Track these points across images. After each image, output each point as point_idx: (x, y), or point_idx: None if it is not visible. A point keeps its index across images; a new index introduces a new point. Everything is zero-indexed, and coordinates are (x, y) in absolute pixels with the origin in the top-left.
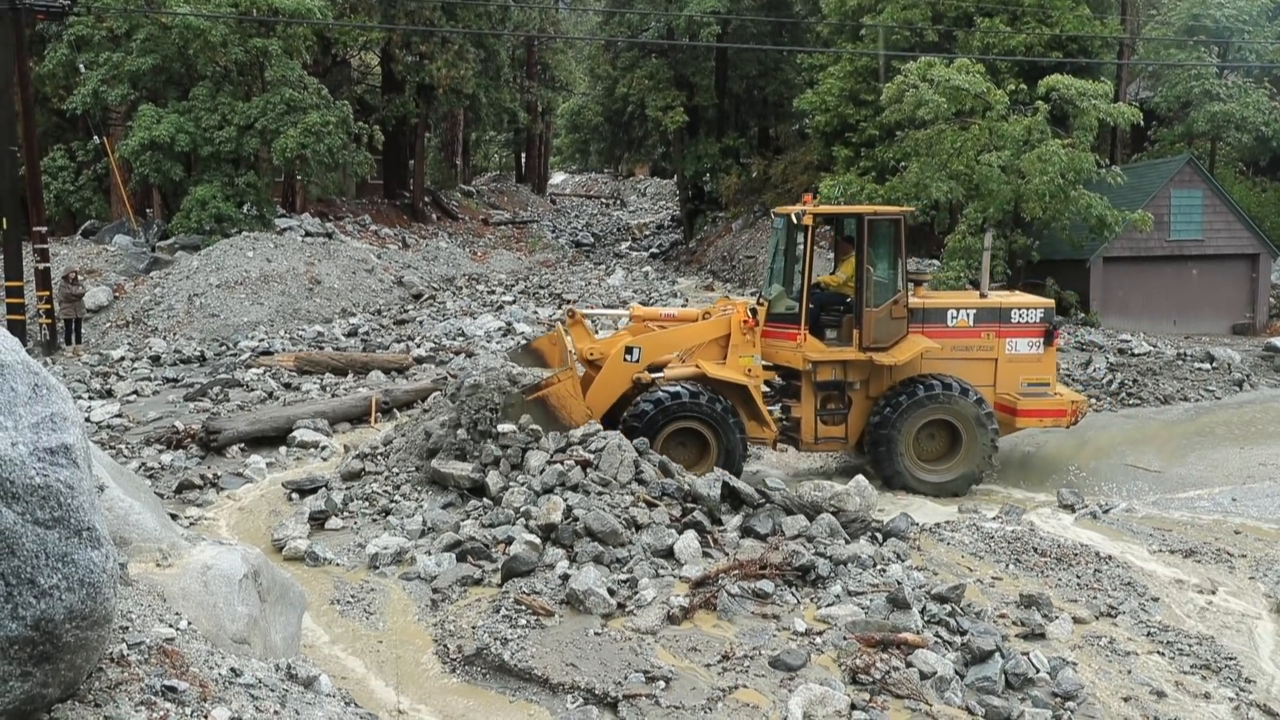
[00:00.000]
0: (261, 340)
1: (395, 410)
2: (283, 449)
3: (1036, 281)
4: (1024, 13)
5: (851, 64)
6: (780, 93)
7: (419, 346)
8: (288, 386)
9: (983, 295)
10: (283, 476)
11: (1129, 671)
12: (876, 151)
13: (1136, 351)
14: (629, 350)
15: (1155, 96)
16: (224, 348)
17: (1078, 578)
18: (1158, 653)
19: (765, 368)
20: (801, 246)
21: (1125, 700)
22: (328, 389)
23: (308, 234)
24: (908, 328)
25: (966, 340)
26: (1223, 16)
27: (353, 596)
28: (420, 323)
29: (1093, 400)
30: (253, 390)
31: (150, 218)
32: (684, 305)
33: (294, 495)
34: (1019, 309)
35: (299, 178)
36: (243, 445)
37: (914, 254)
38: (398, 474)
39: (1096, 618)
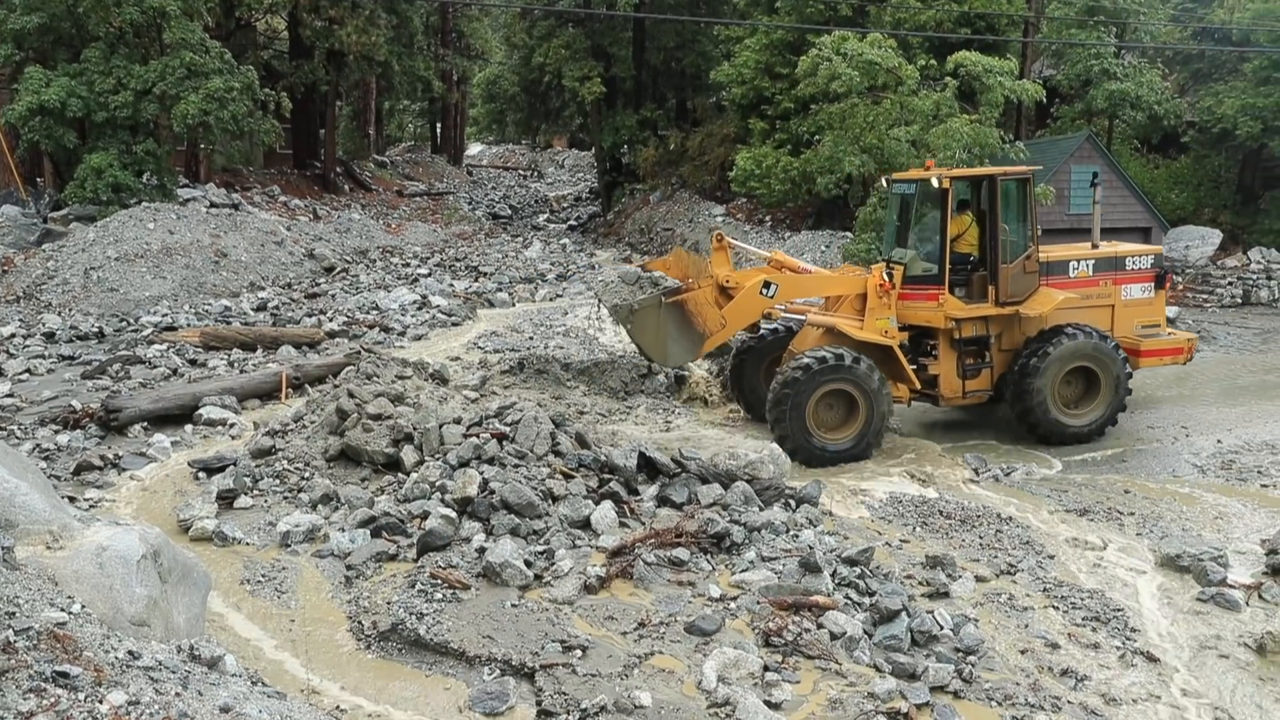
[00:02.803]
0: (165, 315)
1: (307, 386)
2: (188, 427)
3: None
4: None
5: (767, 37)
6: (697, 65)
7: (331, 320)
8: (193, 363)
9: (1094, 246)
10: (189, 455)
11: (1026, 626)
12: (792, 124)
13: None
14: (767, 285)
15: (1058, 75)
16: (124, 323)
17: (980, 538)
18: (1053, 607)
19: (900, 328)
20: (935, 210)
21: (1022, 653)
22: (236, 365)
23: (213, 205)
24: (1039, 281)
25: (1087, 289)
26: None
27: (263, 575)
28: (333, 296)
29: None
30: (156, 367)
31: (41, 187)
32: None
33: (201, 474)
34: (1132, 257)
35: (202, 146)
36: (145, 424)
37: (829, 226)
38: (309, 450)
39: (997, 575)
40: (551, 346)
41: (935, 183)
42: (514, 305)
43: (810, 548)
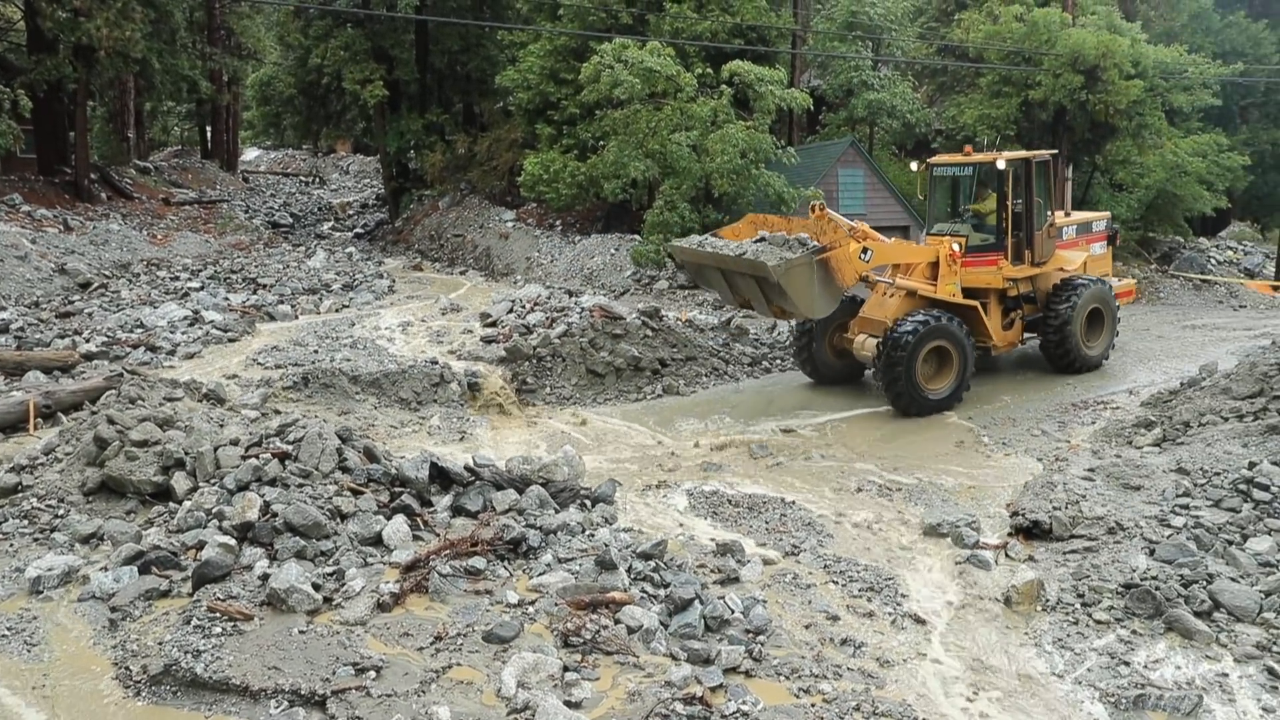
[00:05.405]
0: None
1: (60, 414)
2: None
3: None
4: (709, 1)
5: (551, 43)
6: (483, 69)
7: (88, 341)
8: None
9: (1067, 214)
10: None
11: (809, 602)
12: (578, 129)
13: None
14: (864, 250)
15: (824, 85)
16: None
17: (766, 524)
18: (833, 582)
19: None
20: (987, 188)
21: (807, 627)
22: None
23: None
24: (1055, 245)
25: (1074, 248)
26: (875, 15)
27: (9, 628)
28: (90, 314)
29: (777, 360)
30: None
31: None
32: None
33: None
34: (1095, 221)
35: None
36: None
37: (617, 229)
38: (64, 485)
39: (783, 557)
40: (338, 359)
41: (1001, 165)
42: (297, 318)
43: (606, 545)
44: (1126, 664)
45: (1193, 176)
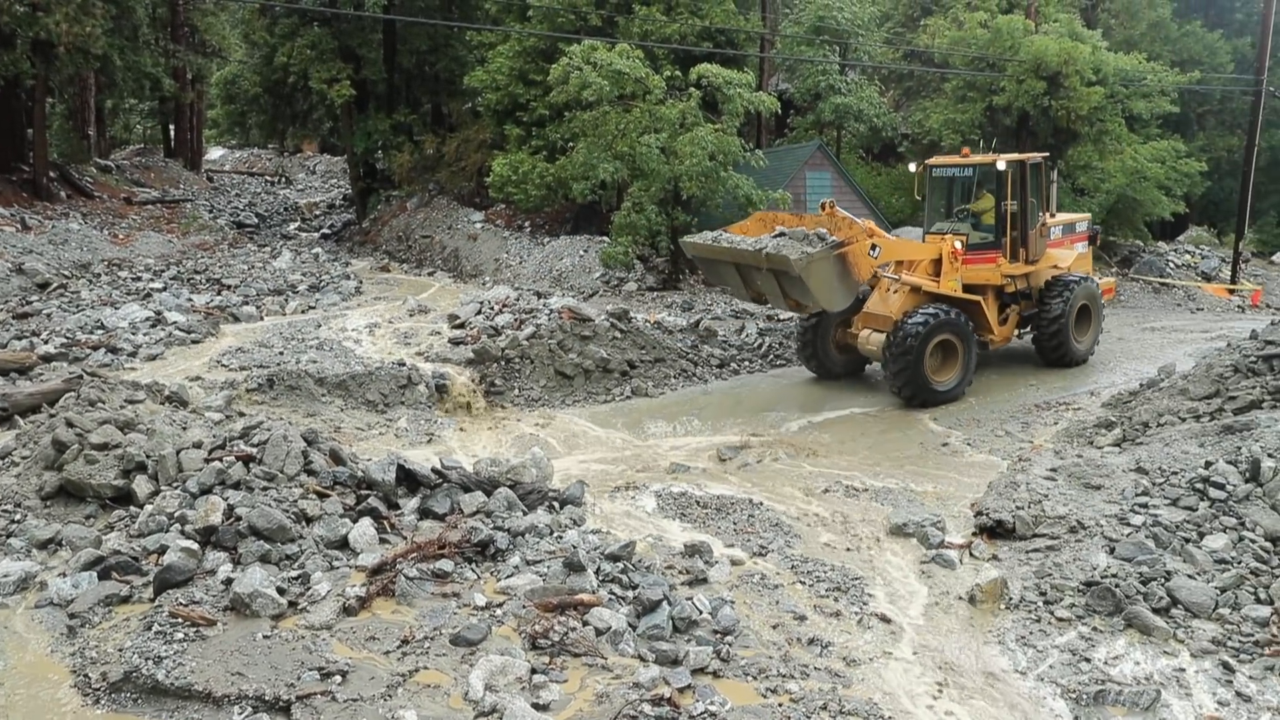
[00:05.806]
0: None
1: (17, 417)
2: None
3: None
4: (678, 4)
5: (520, 44)
6: (452, 69)
7: (46, 342)
8: None
9: (1052, 215)
10: None
11: (777, 602)
12: (547, 131)
13: (783, 317)
14: (873, 247)
15: (791, 88)
16: None
17: (734, 525)
18: (800, 582)
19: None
20: (986, 189)
21: (774, 628)
22: None
23: None
24: (1046, 244)
25: (1060, 248)
26: (843, 19)
27: None
28: (48, 315)
29: (745, 362)
30: None
31: None
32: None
33: None
34: (1079, 222)
35: None
36: None
37: (586, 231)
38: (20, 489)
39: (751, 558)
40: (304, 361)
41: (1001, 166)
42: (262, 319)
43: (574, 548)
44: (1087, 660)
45: (1152, 182)
